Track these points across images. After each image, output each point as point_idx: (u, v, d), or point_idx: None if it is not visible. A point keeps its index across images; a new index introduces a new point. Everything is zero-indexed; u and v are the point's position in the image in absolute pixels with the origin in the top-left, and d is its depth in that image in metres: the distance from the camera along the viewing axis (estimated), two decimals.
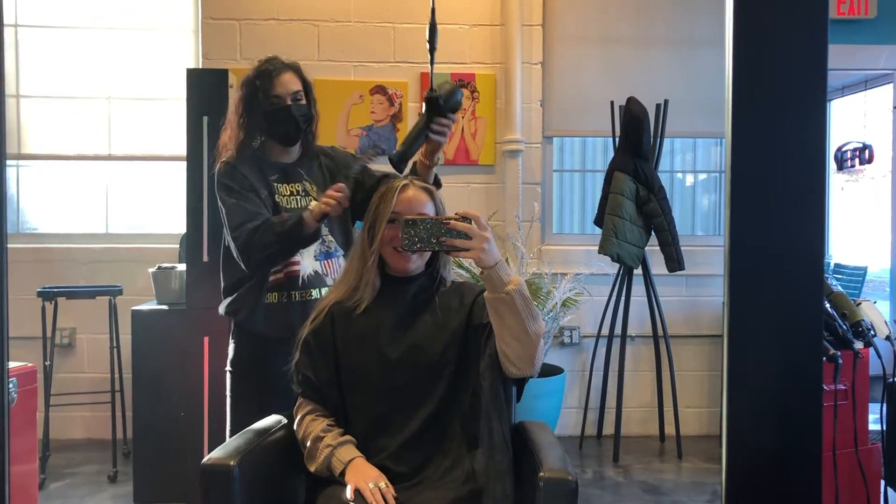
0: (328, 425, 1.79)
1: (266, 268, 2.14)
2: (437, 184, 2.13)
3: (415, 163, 2.10)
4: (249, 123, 2.17)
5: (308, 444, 1.78)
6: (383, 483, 1.66)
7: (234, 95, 2.22)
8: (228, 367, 2.25)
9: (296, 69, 2.25)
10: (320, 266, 2.21)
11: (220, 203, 2.15)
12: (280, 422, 1.93)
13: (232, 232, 2.09)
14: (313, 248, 2.19)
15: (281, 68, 2.20)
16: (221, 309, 2.26)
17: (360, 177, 2.17)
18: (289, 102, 2.18)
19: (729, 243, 1.01)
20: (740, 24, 1.00)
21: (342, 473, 1.71)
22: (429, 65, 2.14)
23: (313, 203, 2.09)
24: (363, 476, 1.67)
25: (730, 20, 1.00)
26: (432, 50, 2.10)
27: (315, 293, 2.18)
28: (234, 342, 2.25)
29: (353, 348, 1.81)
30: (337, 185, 2.01)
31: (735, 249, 1.00)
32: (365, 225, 1.86)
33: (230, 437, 2.13)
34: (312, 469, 1.77)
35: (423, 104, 2.05)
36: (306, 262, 2.19)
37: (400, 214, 1.75)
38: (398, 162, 2.02)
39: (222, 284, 2.26)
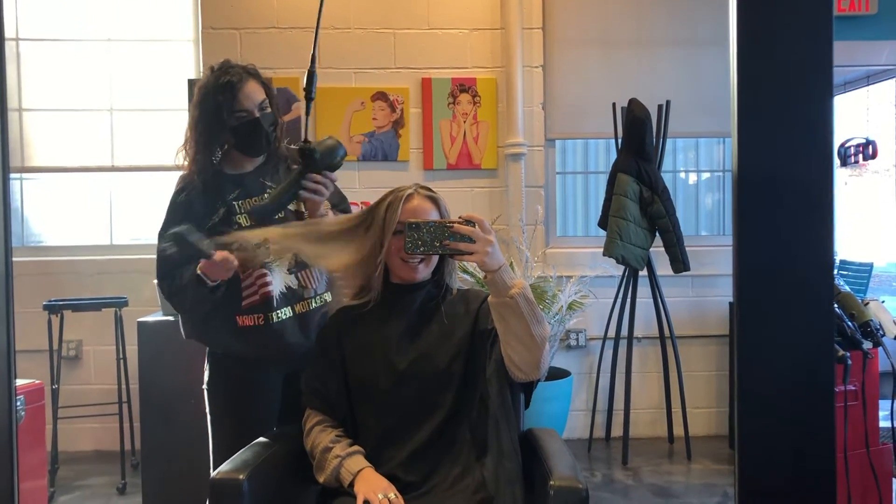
0: (337, 436, 1.79)
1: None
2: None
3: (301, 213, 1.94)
4: (211, 140, 2.03)
5: (317, 455, 1.78)
6: (392, 494, 1.65)
7: (191, 108, 2.05)
8: (205, 386, 2.15)
9: (256, 75, 2.07)
10: (294, 279, 2.07)
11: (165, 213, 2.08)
12: (289, 433, 1.92)
13: (159, 280, 2.05)
14: (286, 261, 2.06)
15: (244, 78, 2.02)
16: (184, 332, 2.15)
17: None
18: (257, 115, 2.03)
19: (737, 245, 1.00)
20: (744, 21, 0.99)
21: (351, 484, 1.70)
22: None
23: (200, 264, 1.91)
24: (373, 487, 1.66)
25: (733, 18, 0.99)
26: (309, 99, 1.92)
27: (285, 313, 2.04)
28: (209, 363, 2.15)
29: (362, 359, 1.80)
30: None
31: (743, 251, 0.99)
32: (369, 235, 1.83)
33: (214, 455, 2.10)
34: (322, 480, 1.77)
35: (298, 157, 1.90)
36: (277, 279, 2.04)
37: (404, 223, 1.75)
38: (259, 219, 1.90)
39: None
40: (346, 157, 2.00)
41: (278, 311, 2.03)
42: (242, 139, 2.05)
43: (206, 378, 2.15)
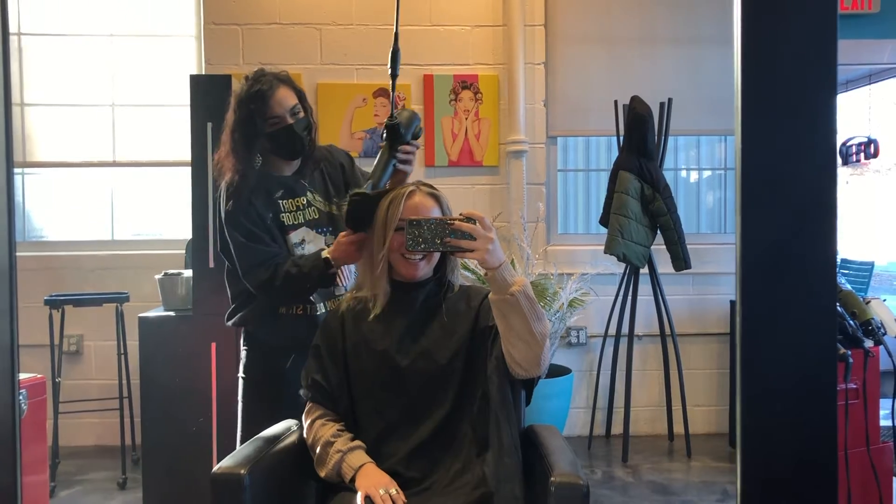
0: (338, 430, 1.79)
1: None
2: None
3: None
4: (249, 146, 2.10)
5: (318, 449, 1.78)
6: (394, 489, 1.65)
7: (229, 116, 2.13)
8: (241, 374, 2.25)
9: (287, 81, 2.14)
10: None
11: (229, 238, 2.10)
12: (290, 428, 1.93)
13: (244, 274, 2.10)
14: None
15: (275, 85, 2.09)
16: (228, 321, 2.25)
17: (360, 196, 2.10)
18: (290, 121, 2.10)
19: (740, 244, 1.00)
20: (748, 19, 0.99)
21: (352, 479, 1.70)
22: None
23: (329, 249, 2.04)
24: (373, 482, 1.66)
25: (738, 16, 0.99)
26: (394, 76, 2.06)
27: (322, 306, 2.17)
28: (247, 350, 2.24)
29: (364, 355, 1.80)
30: (341, 235, 1.99)
31: (746, 250, 0.99)
32: (373, 232, 1.85)
33: (240, 444, 2.13)
34: (322, 474, 1.77)
35: (384, 134, 2.00)
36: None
37: (405, 220, 1.75)
38: (364, 200, 1.93)
39: (229, 294, 2.26)
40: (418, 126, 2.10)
41: (312, 305, 2.15)
42: (278, 144, 2.13)
43: (241, 365, 2.24)
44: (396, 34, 2.04)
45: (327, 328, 1.86)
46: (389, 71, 2.05)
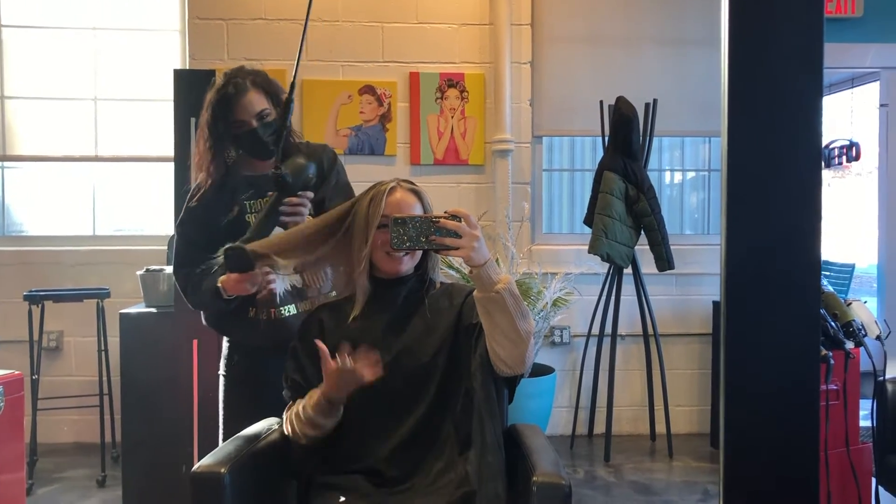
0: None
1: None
2: None
3: None
4: (217, 147, 2.10)
5: (289, 430, 1.78)
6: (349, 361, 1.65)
7: (202, 114, 2.12)
8: (221, 371, 2.24)
9: (261, 84, 2.09)
10: (300, 279, 2.12)
11: (175, 233, 2.18)
12: (271, 427, 1.92)
13: (173, 270, 2.18)
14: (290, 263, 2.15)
15: (243, 89, 2.05)
16: (204, 320, 2.24)
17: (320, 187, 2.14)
18: (254, 125, 2.07)
19: (725, 244, 1.00)
20: (736, 22, 0.99)
21: (319, 407, 1.70)
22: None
23: (222, 279, 1.99)
24: (330, 383, 1.68)
25: (725, 18, 0.99)
26: (289, 100, 2.03)
27: (290, 309, 2.13)
28: (227, 346, 2.24)
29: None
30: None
31: (731, 250, 0.99)
32: (352, 230, 1.82)
33: (223, 441, 2.11)
34: (304, 441, 1.75)
35: (273, 184, 1.95)
36: (281, 277, 2.07)
37: (389, 217, 1.74)
38: (237, 261, 1.86)
39: None
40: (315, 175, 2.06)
41: (282, 308, 2.12)
42: (245, 147, 2.14)
43: (222, 363, 2.24)
44: (293, 85, 2.03)
45: (306, 329, 1.85)
46: (280, 119, 2.03)
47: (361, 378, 1.66)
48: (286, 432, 1.82)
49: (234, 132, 2.09)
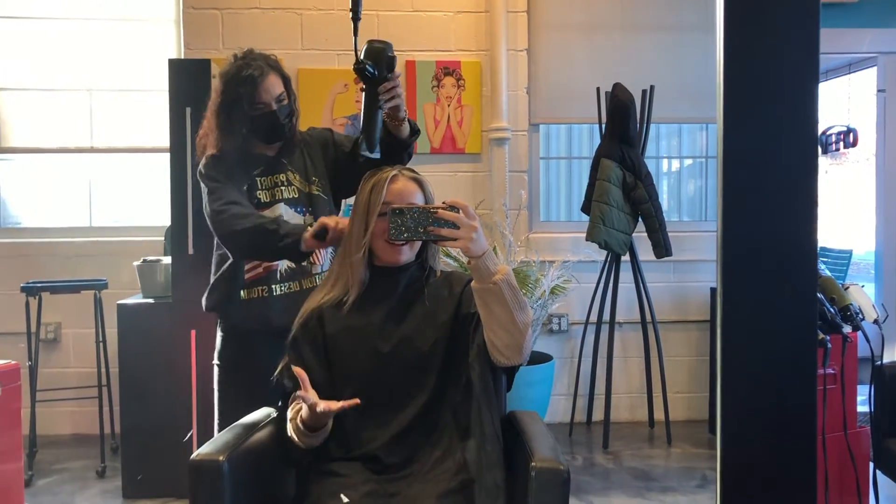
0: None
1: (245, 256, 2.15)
2: (415, 131, 2.13)
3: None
4: (232, 125, 2.12)
5: (290, 432, 1.77)
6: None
7: (213, 94, 2.15)
8: (216, 360, 2.25)
9: (277, 67, 2.18)
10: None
11: (203, 186, 2.12)
12: (269, 415, 1.92)
13: (216, 213, 2.04)
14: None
15: (266, 71, 2.12)
16: (203, 303, 2.26)
17: (345, 155, 2.21)
18: (274, 107, 2.13)
19: (721, 230, 1.00)
20: (731, 7, 0.99)
21: (306, 422, 1.69)
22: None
23: (307, 233, 1.98)
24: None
25: (721, 4, 0.99)
26: (356, 19, 1.95)
27: (294, 286, 2.16)
28: (221, 334, 2.25)
29: (344, 343, 1.79)
30: (318, 222, 1.96)
31: (728, 236, 0.99)
32: (353, 217, 1.83)
33: (218, 430, 2.12)
34: (304, 446, 1.74)
35: (357, 78, 1.92)
36: None
37: (390, 206, 1.73)
38: (371, 151, 1.94)
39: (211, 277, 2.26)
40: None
41: (282, 285, 2.15)
42: (260, 129, 2.15)
43: (216, 352, 2.24)
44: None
45: (305, 320, 1.84)
46: (352, 15, 1.97)
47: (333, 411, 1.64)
48: (288, 433, 1.81)
49: (253, 114, 2.11)
